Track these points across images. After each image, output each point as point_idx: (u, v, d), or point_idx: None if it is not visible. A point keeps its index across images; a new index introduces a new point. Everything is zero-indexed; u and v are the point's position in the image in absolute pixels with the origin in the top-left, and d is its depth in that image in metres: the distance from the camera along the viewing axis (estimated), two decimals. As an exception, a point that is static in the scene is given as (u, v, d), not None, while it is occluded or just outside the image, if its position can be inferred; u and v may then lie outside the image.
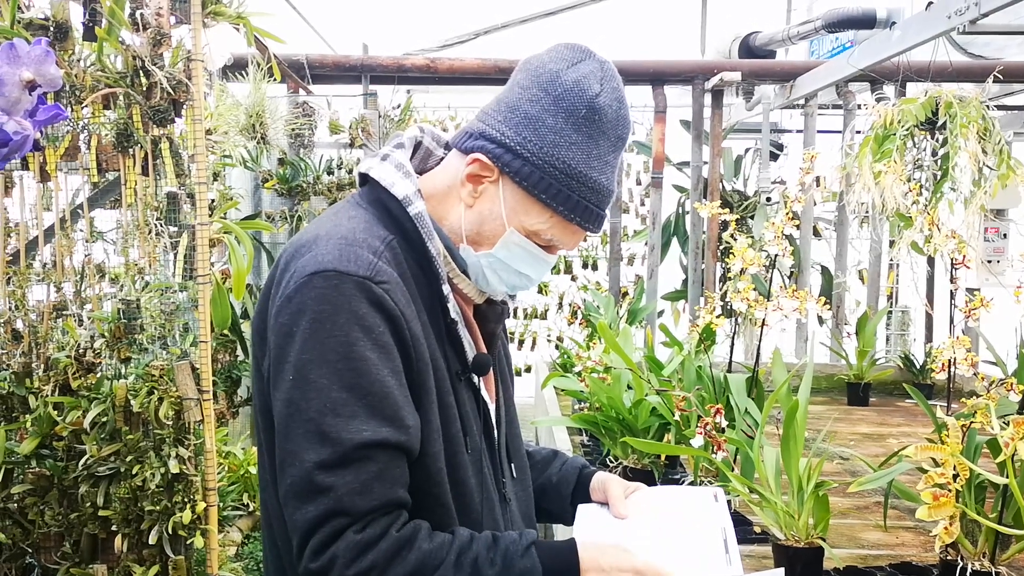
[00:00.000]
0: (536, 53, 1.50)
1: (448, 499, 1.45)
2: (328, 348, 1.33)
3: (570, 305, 8.21)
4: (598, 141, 1.44)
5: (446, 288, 1.49)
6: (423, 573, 1.33)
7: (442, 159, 1.61)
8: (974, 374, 2.83)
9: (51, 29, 2.80)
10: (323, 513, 1.31)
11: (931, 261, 6.70)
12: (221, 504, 3.24)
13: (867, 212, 4.65)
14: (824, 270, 7.29)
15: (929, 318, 7.19)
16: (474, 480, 1.50)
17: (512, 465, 1.68)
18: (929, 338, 7.27)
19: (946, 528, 2.05)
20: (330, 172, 5.65)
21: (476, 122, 1.50)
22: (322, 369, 1.32)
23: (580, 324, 6.18)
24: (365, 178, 1.55)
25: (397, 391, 1.36)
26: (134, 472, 2.76)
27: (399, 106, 6.29)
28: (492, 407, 1.62)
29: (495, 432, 1.62)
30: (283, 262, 1.45)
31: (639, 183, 8.70)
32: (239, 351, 4.17)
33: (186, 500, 2.77)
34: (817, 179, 4.67)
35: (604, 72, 1.46)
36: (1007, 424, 2.02)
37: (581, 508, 1.72)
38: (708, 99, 6.90)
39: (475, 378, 1.55)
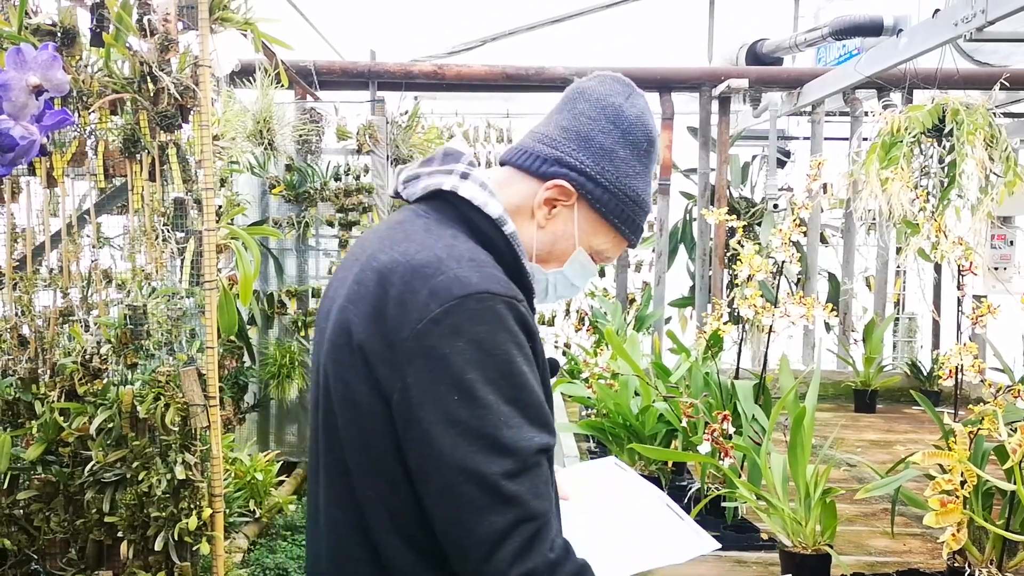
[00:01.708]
0: (586, 83, 1.64)
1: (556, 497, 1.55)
2: (490, 366, 1.39)
3: (577, 312, 8.19)
4: (649, 168, 1.63)
5: (536, 302, 1.61)
6: None
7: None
8: (981, 381, 2.82)
9: (58, 35, 2.81)
10: (512, 521, 1.37)
11: (938, 268, 6.70)
12: (227, 510, 3.23)
13: (874, 219, 4.64)
14: (831, 277, 7.28)
15: (936, 325, 7.17)
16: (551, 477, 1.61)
17: None
18: (936, 345, 7.25)
19: (953, 535, 2.04)
20: (337, 178, 5.65)
21: (544, 147, 1.59)
22: (488, 387, 1.39)
23: (587, 330, 6.18)
24: (436, 193, 1.58)
25: (543, 400, 1.47)
26: (140, 478, 2.76)
27: (407, 112, 6.30)
28: None
29: None
30: (398, 282, 1.45)
31: (646, 189, 8.69)
32: (246, 357, 4.18)
33: (192, 506, 2.77)
34: (824, 186, 4.67)
35: (647, 105, 1.64)
36: (1014, 431, 2.02)
37: None
38: (715, 106, 6.89)
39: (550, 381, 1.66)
